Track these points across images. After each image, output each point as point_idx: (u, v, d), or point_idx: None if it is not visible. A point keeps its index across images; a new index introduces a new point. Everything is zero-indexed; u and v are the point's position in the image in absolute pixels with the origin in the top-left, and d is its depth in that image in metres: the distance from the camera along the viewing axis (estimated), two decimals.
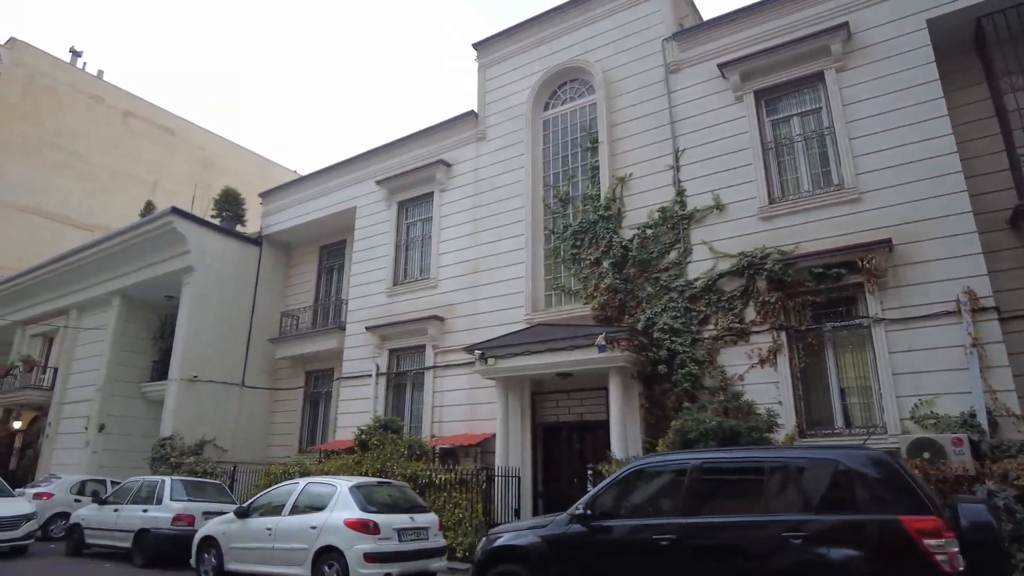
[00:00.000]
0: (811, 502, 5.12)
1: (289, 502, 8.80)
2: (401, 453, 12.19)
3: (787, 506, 5.24)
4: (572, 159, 13.84)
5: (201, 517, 10.95)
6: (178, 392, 16.87)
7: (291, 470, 13.65)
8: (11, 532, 11.95)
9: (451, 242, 15.01)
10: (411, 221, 16.37)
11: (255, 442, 18.24)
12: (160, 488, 11.48)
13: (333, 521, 8.10)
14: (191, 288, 17.63)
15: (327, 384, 18.02)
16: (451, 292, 14.62)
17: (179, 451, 16.09)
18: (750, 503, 5.54)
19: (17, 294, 23.76)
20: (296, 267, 19.96)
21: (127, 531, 11.31)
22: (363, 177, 17.43)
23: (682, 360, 11.03)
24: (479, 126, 15.44)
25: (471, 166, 15.28)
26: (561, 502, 12.02)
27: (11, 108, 32.46)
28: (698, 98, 12.58)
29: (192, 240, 17.52)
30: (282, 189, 19.67)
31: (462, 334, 14.10)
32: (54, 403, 20.97)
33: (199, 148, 40.45)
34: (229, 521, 9.35)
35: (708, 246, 11.63)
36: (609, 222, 12.63)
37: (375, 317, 15.73)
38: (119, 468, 18.59)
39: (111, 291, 19.96)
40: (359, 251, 16.87)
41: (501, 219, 14.29)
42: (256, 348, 18.66)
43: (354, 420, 15.18)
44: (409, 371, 14.97)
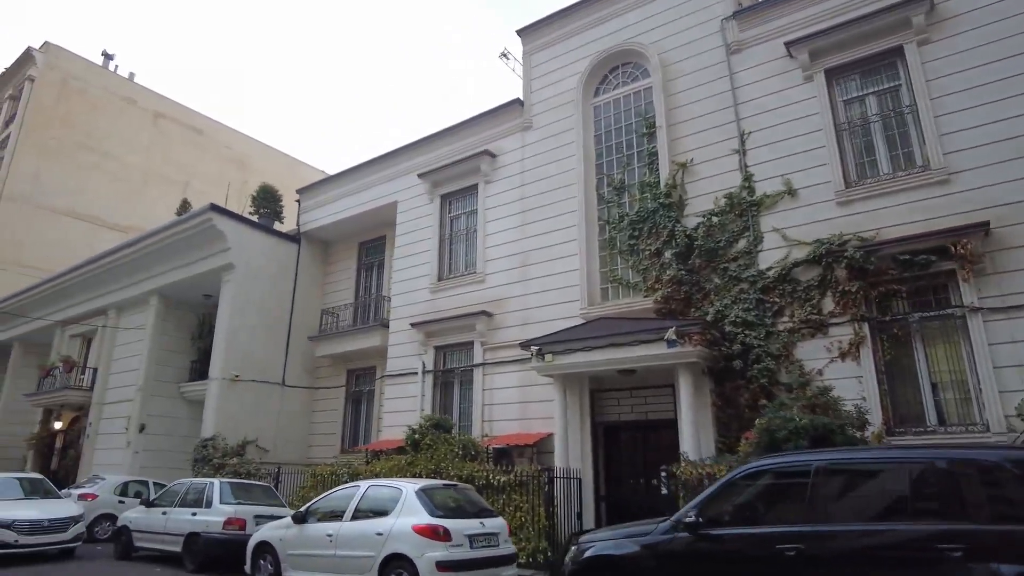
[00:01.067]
0: (971, 509, 4.50)
1: (350, 507, 8.33)
2: (455, 453, 11.69)
3: (939, 513, 4.63)
4: (626, 145, 13.24)
5: (252, 521, 10.55)
6: (219, 392, 16.57)
7: (338, 471, 13.23)
8: (60, 534, 11.68)
9: (498, 235, 14.49)
10: (455, 214, 15.88)
11: (296, 442, 17.91)
12: (209, 491, 11.11)
13: (400, 527, 7.62)
14: (231, 286, 17.33)
15: (369, 383, 17.62)
16: (499, 287, 14.10)
17: (221, 452, 15.77)
18: (890, 509, 4.93)
19: (56, 295, 23.75)
20: (334, 264, 19.60)
21: (176, 535, 10.96)
22: (403, 171, 16.99)
23: (757, 355, 10.39)
24: (525, 115, 14.90)
25: (517, 156, 14.74)
26: (625, 506, 11.50)
27: (46, 112, 32.65)
28: (763, 79, 11.91)
29: (231, 237, 17.22)
30: (319, 185, 19.32)
31: (513, 330, 13.57)
32: (94, 403, 20.85)
33: (227, 148, 40.47)
34: (286, 526, 8.92)
35: (780, 233, 10.97)
36: (670, 210, 12.01)
37: (419, 313, 15.28)
38: (159, 469, 18.40)
39: (149, 290, 19.77)
40: (401, 246, 16.43)
41: (551, 210, 13.73)
42: (296, 347, 18.33)
43: (399, 419, 14.77)
44: (456, 368, 14.49)
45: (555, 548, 10.26)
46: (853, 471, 5.25)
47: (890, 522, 4.81)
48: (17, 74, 33.95)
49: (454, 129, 16.21)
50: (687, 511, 5.57)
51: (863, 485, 5.18)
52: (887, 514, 4.90)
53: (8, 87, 34.53)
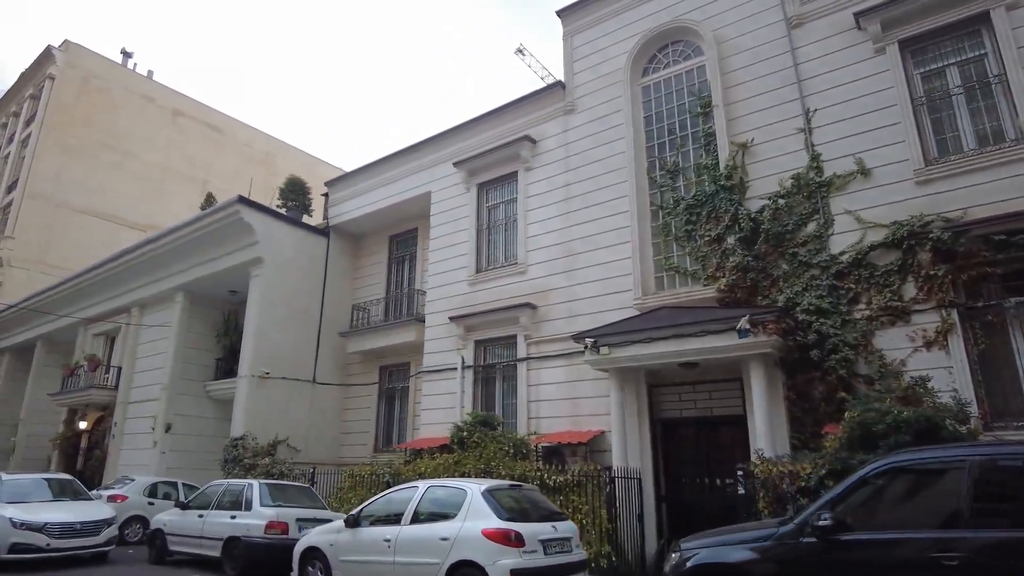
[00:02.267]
0: None
1: (409, 509, 7.70)
2: (505, 452, 11.05)
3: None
4: (679, 127, 12.54)
5: (294, 524, 9.97)
6: (249, 390, 16.02)
7: (378, 471, 12.65)
8: (92, 538, 11.17)
9: (540, 224, 13.84)
10: (492, 204, 15.24)
11: (327, 441, 17.34)
12: (247, 492, 10.52)
13: (468, 531, 6.98)
14: (259, 281, 16.80)
15: (403, 379, 17.02)
16: (543, 278, 13.44)
17: (252, 452, 15.22)
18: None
19: (79, 293, 23.37)
20: (364, 258, 19.02)
21: (215, 539, 10.39)
22: (437, 160, 16.38)
23: (833, 344, 9.66)
24: (567, 98, 14.23)
25: (560, 141, 14.08)
26: (688, 507, 10.80)
27: (67, 110, 32.43)
28: (828, 53, 11.17)
29: (259, 230, 16.68)
30: (348, 178, 18.75)
31: (559, 322, 12.92)
32: (119, 402, 20.40)
33: (246, 145, 40.14)
34: (337, 531, 8.31)
35: (853, 216, 10.23)
36: (732, 193, 11.31)
37: (457, 307, 14.65)
38: (186, 469, 17.93)
39: (174, 287, 19.29)
40: (436, 238, 15.81)
41: (599, 196, 13.06)
42: (326, 343, 17.77)
43: (438, 416, 14.17)
44: (498, 364, 13.84)
45: (618, 552, 9.62)
46: (1017, 469, 4.54)
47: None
48: (37, 73, 33.75)
49: (491, 115, 15.57)
50: (817, 513, 4.88)
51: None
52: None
53: (28, 86, 34.35)
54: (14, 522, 10.66)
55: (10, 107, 36.06)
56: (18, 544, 10.53)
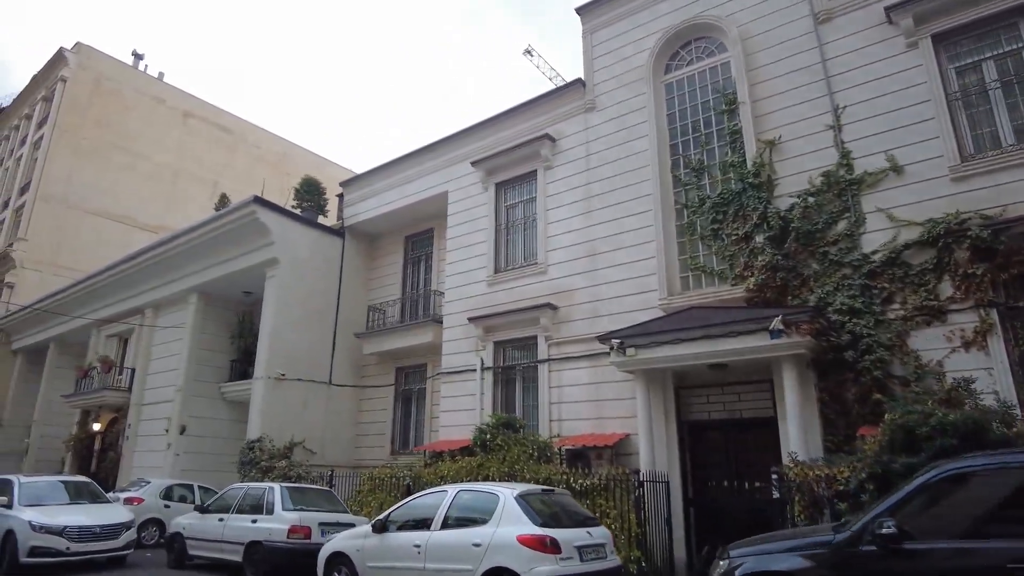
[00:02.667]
0: None
1: (439, 514, 7.52)
2: (529, 455, 10.86)
3: None
4: (704, 124, 12.34)
5: (317, 528, 9.81)
6: (264, 392, 15.88)
7: (398, 474, 12.49)
8: (112, 542, 11.05)
9: (561, 223, 13.65)
10: (511, 203, 15.06)
11: (343, 444, 17.19)
12: (269, 496, 10.36)
13: (502, 537, 6.79)
14: (275, 281, 16.67)
15: (419, 381, 16.85)
16: (564, 278, 13.25)
17: (268, 454, 15.07)
18: None
19: (92, 294, 23.32)
20: (380, 259, 18.88)
21: (235, 543, 10.23)
22: (455, 159, 16.22)
23: (868, 345, 9.43)
24: (588, 96, 14.05)
25: (581, 139, 13.90)
26: (717, 511, 10.60)
27: (80, 112, 32.45)
28: (857, 48, 10.95)
29: (275, 231, 16.56)
30: (363, 178, 18.60)
31: (581, 323, 12.73)
32: (132, 404, 20.33)
33: (256, 147, 40.11)
34: (363, 536, 8.13)
35: (885, 214, 10.00)
36: (760, 191, 11.09)
37: (476, 308, 14.48)
38: (200, 472, 17.82)
39: (188, 288, 19.21)
40: (453, 238, 15.65)
41: (621, 194, 12.87)
42: (342, 344, 17.63)
43: (457, 419, 14.00)
44: (518, 365, 13.66)
45: (648, 557, 9.41)
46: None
47: None
48: (49, 75, 33.78)
49: (508, 114, 15.41)
50: (877, 520, 4.66)
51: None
52: None
53: (40, 88, 34.38)
54: (33, 525, 10.55)
55: (22, 109, 36.13)
56: (38, 548, 10.42)
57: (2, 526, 10.89)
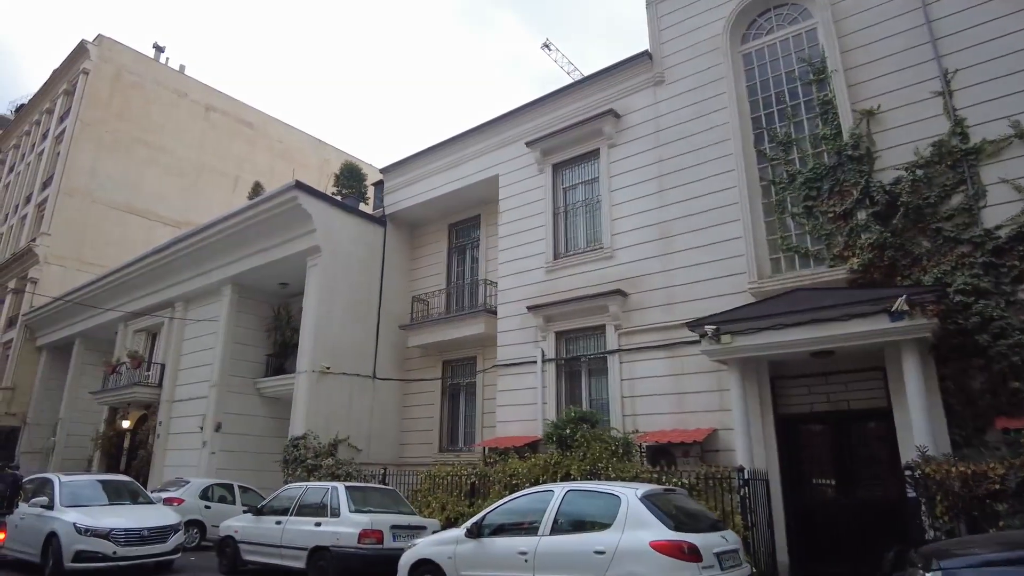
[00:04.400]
0: None
1: (547, 517, 6.66)
2: (612, 452, 10.00)
3: None
4: (789, 95, 11.43)
5: (389, 532, 8.98)
6: (308, 386, 15.08)
7: (462, 472, 11.68)
8: (160, 545, 10.25)
9: (629, 204, 12.77)
10: (570, 185, 14.19)
11: (387, 440, 16.37)
12: (332, 497, 9.53)
13: (631, 543, 5.94)
14: (317, 271, 15.87)
15: (468, 374, 16.02)
16: (633, 263, 12.37)
17: (314, 452, 14.29)
18: None
19: (118, 288, 22.66)
20: (421, 248, 18.05)
21: (297, 548, 9.42)
22: (506, 141, 15.36)
23: (1000, 328, 8.51)
24: (656, 68, 13.15)
25: (649, 114, 13.01)
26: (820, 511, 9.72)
27: (101, 106, 31.86)
28: (968, 8, 10.03)
29: (317, 218, 15.75)
30: (406, 163, 17.76)
31: (655, 311, 11.86)
32: (163, 401, 19.64)
33: (278, 141, 39.47)
34: (454, 541, 7.29)
35: (1011, 185, 9.08)
36: (860, 164, 10.17)
37: (533, 296, 13.62)
38: (236, 470, 17.09)
39: (222, 280, 18.46)
40: (506, 223, 14.79)
41: (698, 172, 11.98)
42: (385, 337, 16.82)
43: (516, 414, 13.17)
44: (584, 356, 12.79)
45: (756, 562, 8.52)
46: None
47: None
48: (71, 68, 33.20)
49: (565, 91, 14.55)
50: None
51: None
52: None
53: (62, 82, 33.81)
54: (78, 528, 9.77)
55: (43, 104, 35.59)
56: (83, 552, 9.64)
57: (43, 528, 10.13)
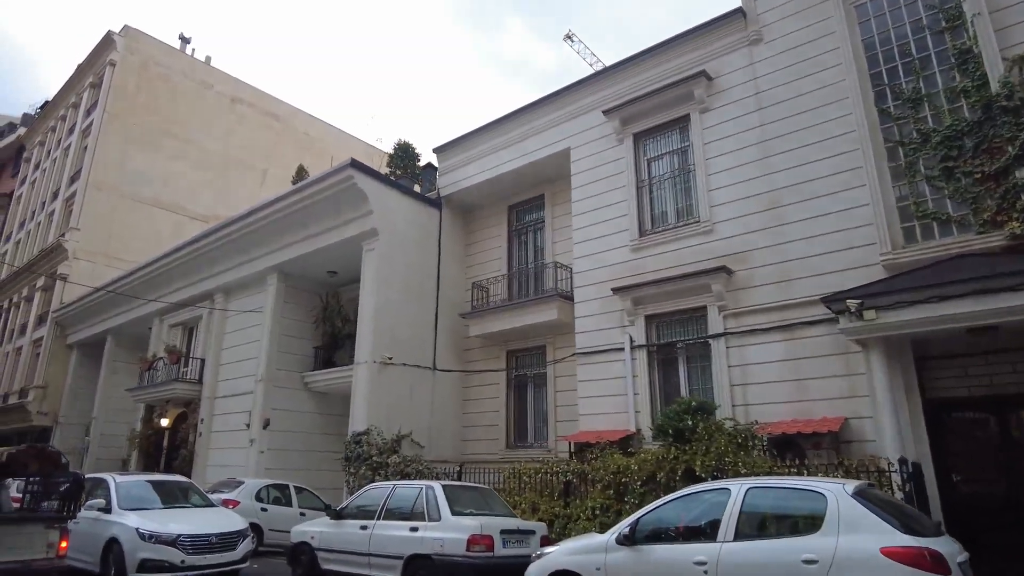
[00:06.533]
0: None
1: (727, 521, 5.50)
2: (739, 444, 8.87)
3: None
4: (916, 47, 10.21)
5: (499, 537, 7.90)
6: (368, 378, 14.05)
7: (553, 469, 10.61)
8: (229, 553, 9.26)
9: (728, 173, 11.62)
10: (654, 155, 13.03)
11: (448, 435, 15.31)
12: (428, 498, 8.44)
13: (853, 551, 4.81)
14: (374, 255, 14.84)
15: (536, 365, 14.92)
16: (737, 237, 11.21)
17: (378, 448, 13.25)
18: None
19: (152, 281, 21.78)
20: (479, 232, 16.97)
21: (389, 557, 8.35)
22: (577, 111, 14.24)
23: None
24: (751, 26, 11.98)
25: (746, 75, 11.84)
26: (981, 507, 8.54)
27: (128, 98, 31.10)
28: None
29: (374, 199, 14.71)
30: (461, 142, 16.67)
31: (765, 289, 10.70)
32: (204, 397, 18.73)
33: (304, 133, 38.58)
34: (601, 549, 6.16)
35: None
36: (1017, 116, 8.95)
37: (617, 277, 12.48)
38: (286, 470, 16.16)
39: (266, 268, 17.53)
40: (580, 200, 13.66)
41: (809, 135, 10.80)
42: (443, 326, 15.77)
43: (601, 405, 12.07)
44: (681, 341, 11.64)
45: None
46: None
47: None
48: (97, 60, 32.43)
49: (646, 55, 13.37)
50: None
51: None
52: None
53: (88, 75, 33.07)
54: (142, 533, 8.80)
55: (69, 98, 34.88)
56: (149, 561, 8.66)
57: (102, 533, 9.16)
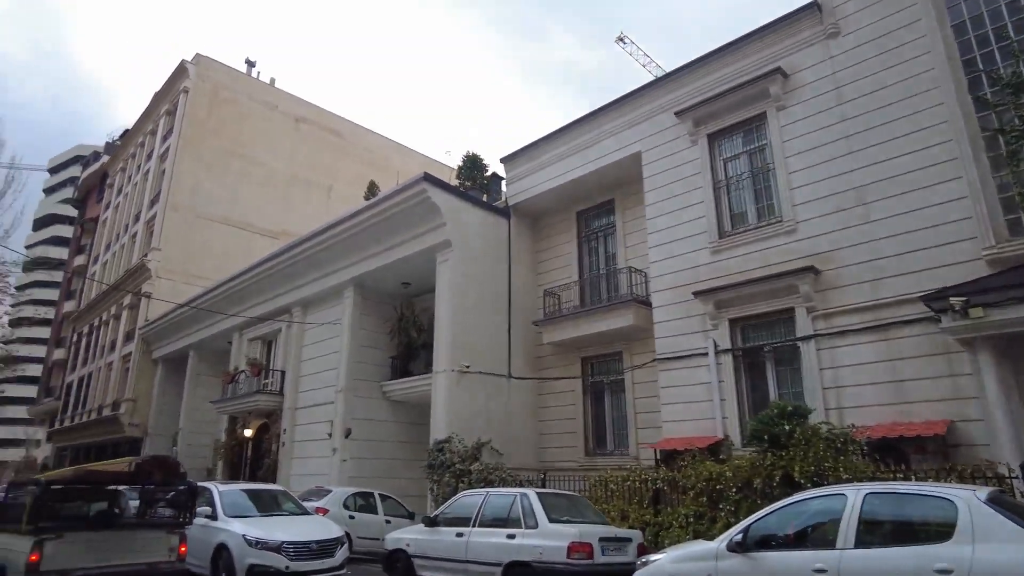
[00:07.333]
0: None
1: (846, 527, 5.36)
2: (837, 449, 8.62)
3: None
4: (1014, 29, 9.76)
5: (598, 545, 7.90)
6: (447, 386, 14.29)
7: (642, 476, 10.54)
8: (328, 560, 9.54)
9: (810, 171, 11.34)
10: (730, 155, 12.84)
11: (525, 443, 15.38)
12: (524, 506, 8.50)
13: (993, 561, 4.55)
14: (448, 266, 15.10)
15: (612, 371, 14.85)
16: (822, 236, 10.92)
17: (460, 456, 13.43)
18: None
19: (232, 298, 22.71)
20: (547, 239, 17.05)
21: (487, 564, 8.45)
22: (647, 114, 14.16)
23: None
24: (827, 19, 11.69)
25: (825, 69, 11.55)
26: None
27: (201, 124, 32.57)
28: None
29: (446, 211, 14.99)
30: (527, 151, 16.80)
31: (856, 288, 10.38)
32: (286, 408, 19.36)
33: (366, 150, 39.48)
34: (711, 557, 6.07)
35: None
36: None
37: (696, 281, 12.34)
38: (367, 478, 16.52)
39: (343, 282, 18.03)
40: (655, 203, 13.56)
41: (895, 129, 10.45)
42: (516, 334, 15.88)
43: (685, 412, 11.92)
44: (768, 344, 11.40)
45: None
46: None
47: None
48: (172, 89, 34.12)
49: (716, 55, 13.21)
50: None
51: None
52: None
53: (164, 103, 34.81)
54: (249, 540, 9.17)
55: (147, 125, 36.81)
56: (256, 566, 9.02)
57: (211, 540, 9.59)
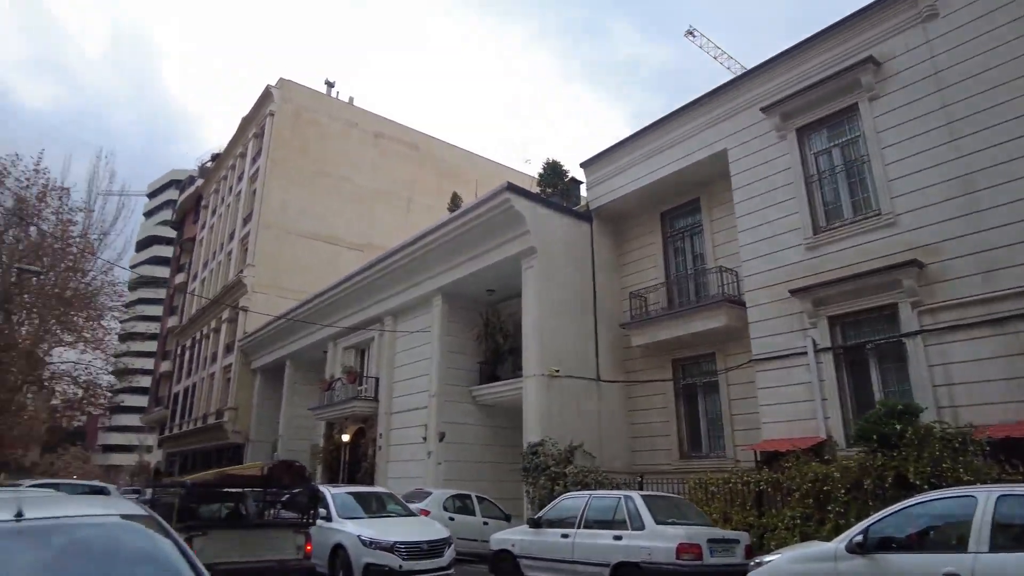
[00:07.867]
0: None
1: (977, 530, 5.21)
2: (954, 449, 8.30)
3: None
4: None
5: (706, 546, 7.94)
6: (537, 390, 14.55)
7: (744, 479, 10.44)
8: (438, 559, 9.98)
9: (909, 161, 10.93)
10: (821, 149, 12.52)
11: (616, 446, 15.43)
12: (629, 507, 8.64)
13: None
14: (533, 272, 15.38)
15: (705, 373, 14.72)
16: (925, 227, 10.50)
17: (554, 459, 13.65)
18: None
19: (326, 310, 23.74)
20: (630, 241, 17.06)
21: (594, 564, 8.64)
22: (732, 111, 13.98)
23: None
24: (922, 1, 11.24)
25: (921, 55, 11.11)
26: None
27: (287, 144, 34.21)
28: None
29: (529, 219, 15.28)
30: (608, 154, 16.87)
31: (965, 281, 9.94)
32: (381, 413, 20.16)
33: (441, 161, 40.40)
34: (830, 558, 6.01)
35: None
36: None
37: (791, 278, 12.08)
38: (460, 480, 16.98)
39: (431, 291, 18.63)
40: (744, 200, 13.38)
41: (1004, 111, 9.92)
42: (603, 337, 15.98)
43: (784, 412, 11.72)
44: (871, 342, 11.06)
45: None
46: None
47: None
48: (259, 113, 36.09)
49: (801, 47, 12.90)
50: None
51: None
52: None
53: (251, 127, 36.87)
54: (364, 540, 9.71)
55: (237, 149, 39.06)
56: (372, 565, 9.54)
57: (327, 540, 10.19)
